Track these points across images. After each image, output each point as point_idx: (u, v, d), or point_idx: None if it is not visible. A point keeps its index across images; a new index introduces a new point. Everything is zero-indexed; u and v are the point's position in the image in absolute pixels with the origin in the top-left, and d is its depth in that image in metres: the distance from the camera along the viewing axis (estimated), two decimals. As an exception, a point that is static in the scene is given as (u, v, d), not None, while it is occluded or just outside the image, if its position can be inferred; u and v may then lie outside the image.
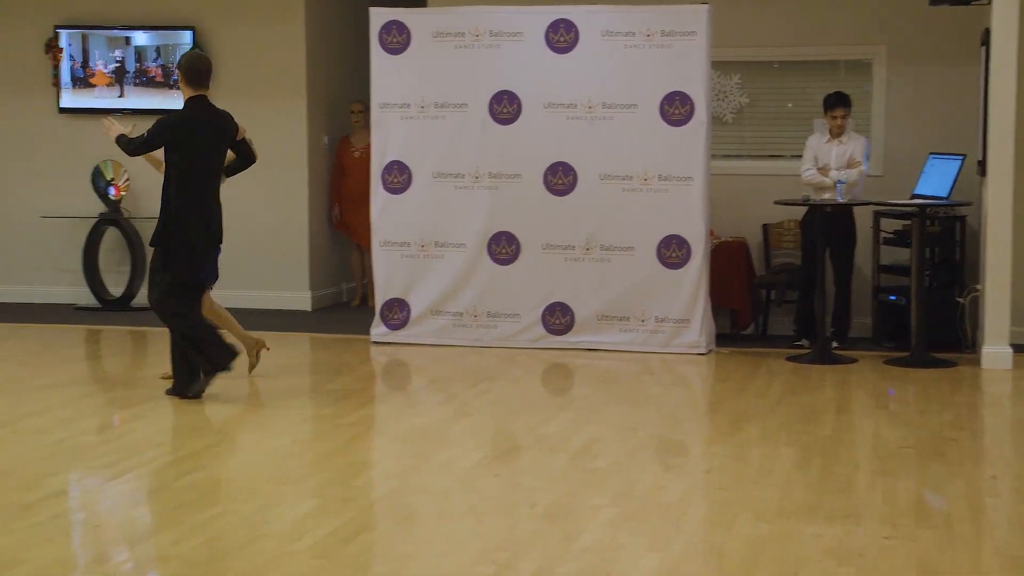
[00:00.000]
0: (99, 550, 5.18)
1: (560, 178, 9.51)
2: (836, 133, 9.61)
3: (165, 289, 7.72)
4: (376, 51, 9.71)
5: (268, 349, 8.58)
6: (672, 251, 9.41)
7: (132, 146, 7.76)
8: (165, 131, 7.65)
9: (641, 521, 5.49)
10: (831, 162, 9.59)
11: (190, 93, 7.75)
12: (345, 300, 12.17)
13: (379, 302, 9.92)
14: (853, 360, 9.22)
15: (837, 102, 9.58)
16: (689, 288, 9.40)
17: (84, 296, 11.52)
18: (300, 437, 7.18)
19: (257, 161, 8.19)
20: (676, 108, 9.31)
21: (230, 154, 8.03)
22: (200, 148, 7.72)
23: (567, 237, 9.55)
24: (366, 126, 11.09)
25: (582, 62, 9.42)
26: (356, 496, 5.94)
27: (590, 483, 6.11)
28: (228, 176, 8.13)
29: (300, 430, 7.34)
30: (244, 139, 7.97)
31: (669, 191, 9.37)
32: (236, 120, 7.94)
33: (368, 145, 10.61)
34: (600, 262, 9.53)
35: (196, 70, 7.73)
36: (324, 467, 6.43)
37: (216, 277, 8.19)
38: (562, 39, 9.44)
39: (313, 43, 11.40)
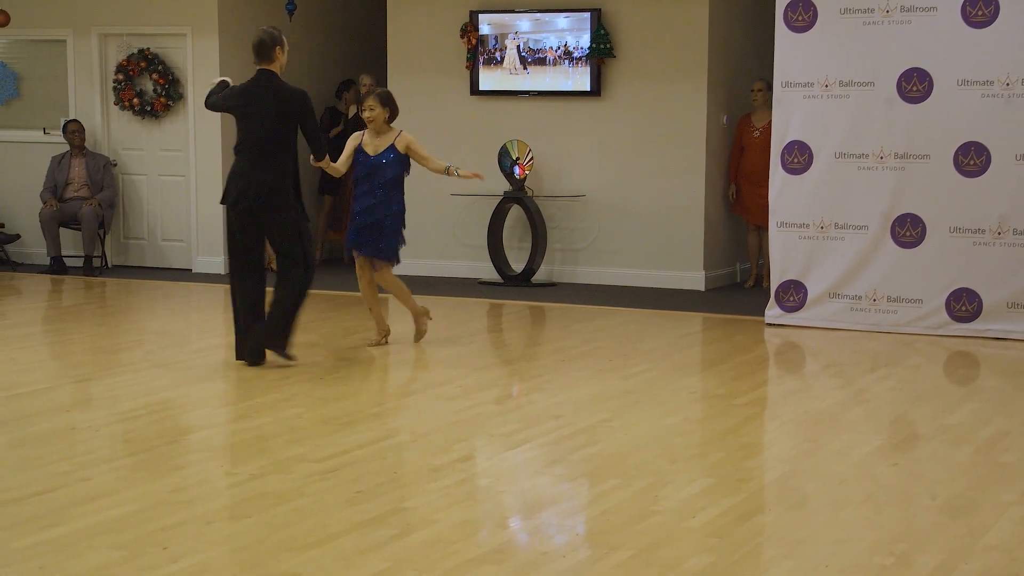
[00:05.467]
0: (501, 515, 5.40)
1: (972, 158, 9.08)
2: None
3: None
4: (781, 29, 9.57)
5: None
6: (1097, 237, 8.82)
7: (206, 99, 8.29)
8: (221, 96, 8.12)
9: (1055, 523, 5.18)
10: None
11: (255, 67, 8.06)
12: (739, 281, 12.10)
13: (775, 283, 9.80)
14: None
15: None
16: (1113, 277, 8.78)
17: (487, 271, 12.00)
18: (692, 416, 7.21)
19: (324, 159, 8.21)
20: (1108, 83, 8.70)
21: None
22: (240, 117, 7.99)
23: (977, 220, 9.12)
24: (767, 105, 10.99)
25: (1001, 36, 8.94)
26: (749, 477, 5.90)
27: (998, 478, 5.82)
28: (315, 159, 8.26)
29: (692, 409, 7.37)
30: (314, 125, 8.02)
31: (1095, 173, 8.78)
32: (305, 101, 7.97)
33: (768, 124, 10.51)
34: (1013, 247, 9.05)
35: (253, 46, 8.02)
36: (717, 447, 6.43)
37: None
38: (980, 12, 8.97)
39: (716, 22, 11.37)
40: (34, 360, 8.68)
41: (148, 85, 12.66)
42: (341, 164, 8.61)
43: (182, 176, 12.66)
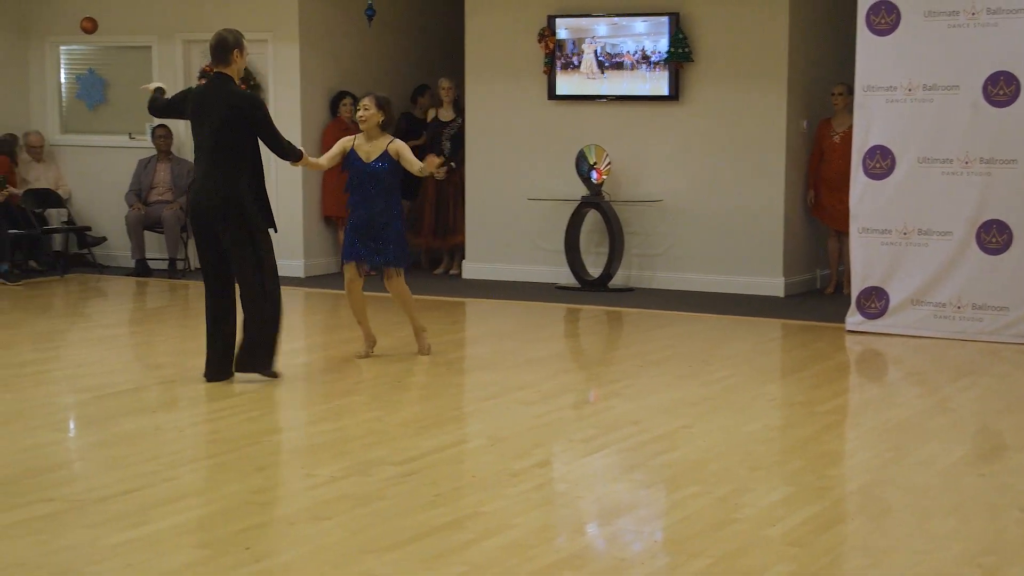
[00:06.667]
0: (579, 521, 5.40)
1: (1060, 164, 8.92)
2: None
3: None
4: (863, 32, 9.47)
5: None
6: None
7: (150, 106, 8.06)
8: (171, 100, 7.93)
9: None
10: None
11: (212, 69, 7.80)
12: (819, 287, 11.98)
13: (856, 290, 9.70)
14: None
15: None
16: None
17: (564, 276, 11.98)
18: (772, 423, 7.15)
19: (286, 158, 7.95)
20: None
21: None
22: (193, 123, 7.76)
23: (1065, 227, 8.96)
24: (847, 109, 10.88)
25: (1091, 38, 8.79)
26: (831, 486, 5.85)
27: (1086, 491, 5.71)
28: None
29: (772, 416, 7.31)
30: (270, 132, 7.72)
31: None
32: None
33: (849, 128, 10.40)
34: (1102, 254, 8.89)
35: (211, 47, 7.69)
36: (797, 455, 6.37)
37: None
38: (1071, 14, 8.84)
39: (796, 25, 11.28)
40: (120, 361, 8.83)
41: (230, 90, 12.79)
42: (325, 160, 8.36)
43: (263, 180, 12.77)
